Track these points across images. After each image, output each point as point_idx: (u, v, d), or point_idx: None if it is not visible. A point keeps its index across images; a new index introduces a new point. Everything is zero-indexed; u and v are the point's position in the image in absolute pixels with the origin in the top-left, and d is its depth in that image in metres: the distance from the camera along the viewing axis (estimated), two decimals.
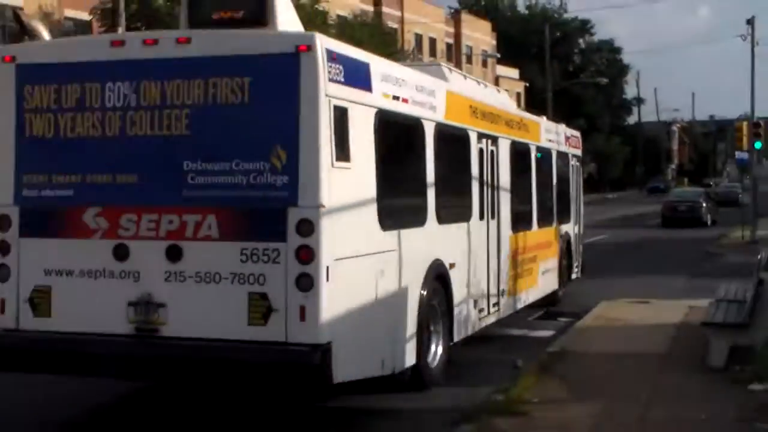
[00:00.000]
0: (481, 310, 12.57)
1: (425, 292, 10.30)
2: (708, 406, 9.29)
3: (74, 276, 8.78)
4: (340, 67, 8.56)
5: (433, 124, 10.96)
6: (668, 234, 38.98)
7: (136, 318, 8.56)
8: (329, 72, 8.34)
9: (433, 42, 77.68)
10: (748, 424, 8.62)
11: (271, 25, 8.76)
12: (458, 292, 11.45)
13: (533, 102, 73.65)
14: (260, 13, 8.77)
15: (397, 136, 10.07)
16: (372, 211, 9.18)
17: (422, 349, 10.22)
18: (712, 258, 28.34)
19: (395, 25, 71.30)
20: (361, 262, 8.87)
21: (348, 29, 53.17)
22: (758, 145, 33.57)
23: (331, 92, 8.35)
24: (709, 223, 43.79)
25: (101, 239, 8.70)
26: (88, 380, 10.00)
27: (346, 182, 8.58)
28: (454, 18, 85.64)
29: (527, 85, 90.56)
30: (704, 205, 44.65)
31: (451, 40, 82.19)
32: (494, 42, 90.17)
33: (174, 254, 8.48)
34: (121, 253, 8.64)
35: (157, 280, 8.51)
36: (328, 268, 8.15)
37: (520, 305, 14.72)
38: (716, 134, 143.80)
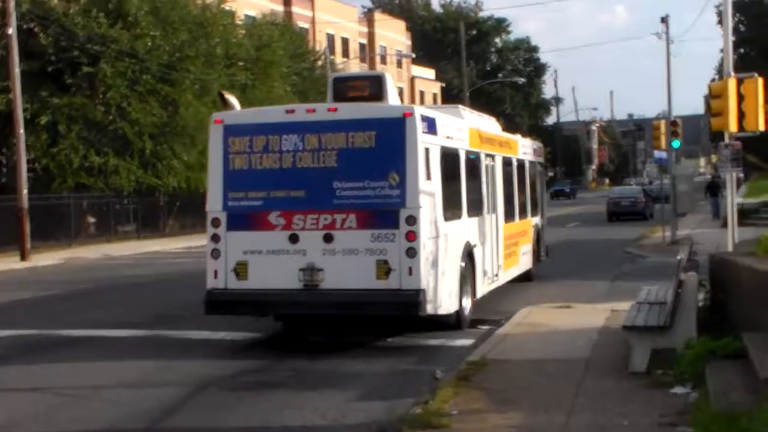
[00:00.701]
0: (488, 278, 17.33)
1: (463, 264, 15.08)
2: (630, 411, 9.19)
3: (263, 254, 13.68)
4: (426, 123, 13.69)
5: (464, 151, 16.08)
6: (589, 235, 39.29)
7: (304, 278, 13.48)
8: (421, 127, 13.40)
9: (346, 42, 77.46)
10: (670, 428, 8.54)
11: (385, 99, 14.44)
12: (478, 264, 16.27)
13: (450, 103, 73.78)
14: (378, 93, 14.50)
15: (448, 161, 14.86)
16: (440, 209, 14.00)
17: (461, 300, 14.86)
18: (634, 259, 28.39)
19: (306, 25, 70.87)
20: (436, 241, 13.76)
21: (256, 29, 52.37)
22: (676, 144, 33.35)
23: (422, 139, 13.43)
24: (648, 216, 48.29)
25: (280, 231, 13.60)
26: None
27: (429, 192, 13.56)
28: (368, 17, 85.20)
29: (443, 85, 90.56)
30: (643, 200, 50.53)
31: (364, 40, 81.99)
32: (409, 42, 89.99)
33: (328, 238, 13.39)
34: (293, 238, 13.54)
35: (318, 255, 13.43)
36: (423, 244, 13.19)
37: (509, 277, 19.36)
38: (635, 133, 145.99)
